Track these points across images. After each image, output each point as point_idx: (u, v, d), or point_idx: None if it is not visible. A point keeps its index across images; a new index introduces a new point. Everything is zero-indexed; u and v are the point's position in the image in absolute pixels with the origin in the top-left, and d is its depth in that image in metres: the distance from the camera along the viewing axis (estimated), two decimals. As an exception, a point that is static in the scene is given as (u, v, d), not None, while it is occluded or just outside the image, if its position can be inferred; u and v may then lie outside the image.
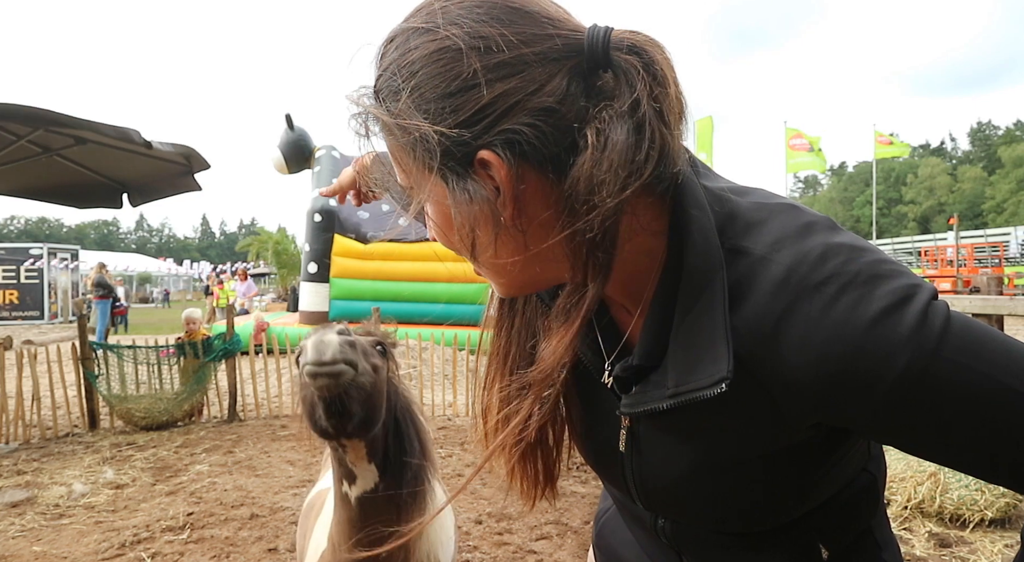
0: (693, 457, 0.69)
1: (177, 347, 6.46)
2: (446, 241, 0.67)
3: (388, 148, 0.66)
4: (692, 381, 0.60)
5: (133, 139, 4.53)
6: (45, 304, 20.99)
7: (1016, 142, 57.24)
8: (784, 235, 0.60)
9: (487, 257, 0.64)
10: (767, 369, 0.59)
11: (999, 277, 6.70)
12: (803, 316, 0.55)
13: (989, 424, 0.54)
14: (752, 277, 0.59)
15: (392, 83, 0.61)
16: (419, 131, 0.59)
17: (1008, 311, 3.91)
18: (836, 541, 0.77)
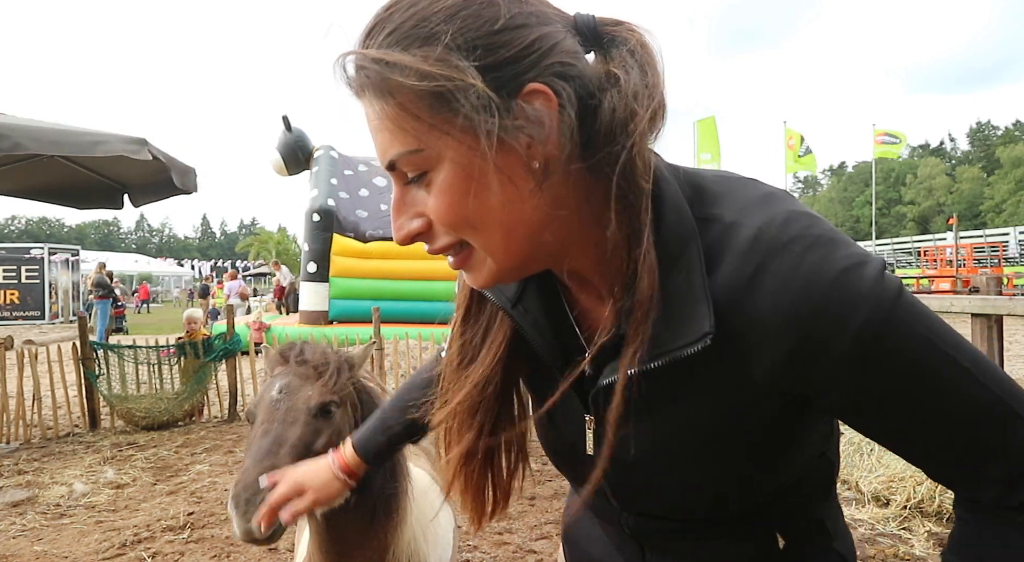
0: (666, 439, 0.70)
1: (177, 347, 6.47)
2: (455, 208, 0.61)
3: (389, 108, 0.60)
4: (677, 340, 0.62)
5: (139, 157, 4.57)
6: (46, 304, 20.97)
7: (1015, 142, 57.26)
8: (749, 203, 0.64)
9: (500, 218, 0.61)
10: (742, 326, 0.61)
11: (998, 277, 6.70)
12: (774, 272, 0.59)
13: (934, 393, 0.59)
14: (724, 241, 0.62)
15: (422, 29, 0.59)
16: (460, 73, 0.57)
17: (1008, 311, 3.91)
18: (792, 529, 0.80)
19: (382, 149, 0.62)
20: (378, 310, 6.81)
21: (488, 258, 0.64)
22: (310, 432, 1.29)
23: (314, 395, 1.33)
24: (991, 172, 59.38)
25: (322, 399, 1.33)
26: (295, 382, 1.36)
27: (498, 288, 0.74)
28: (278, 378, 1.37)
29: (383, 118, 0.60)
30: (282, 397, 1.33)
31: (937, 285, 19.23)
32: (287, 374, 1.38)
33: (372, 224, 11.55)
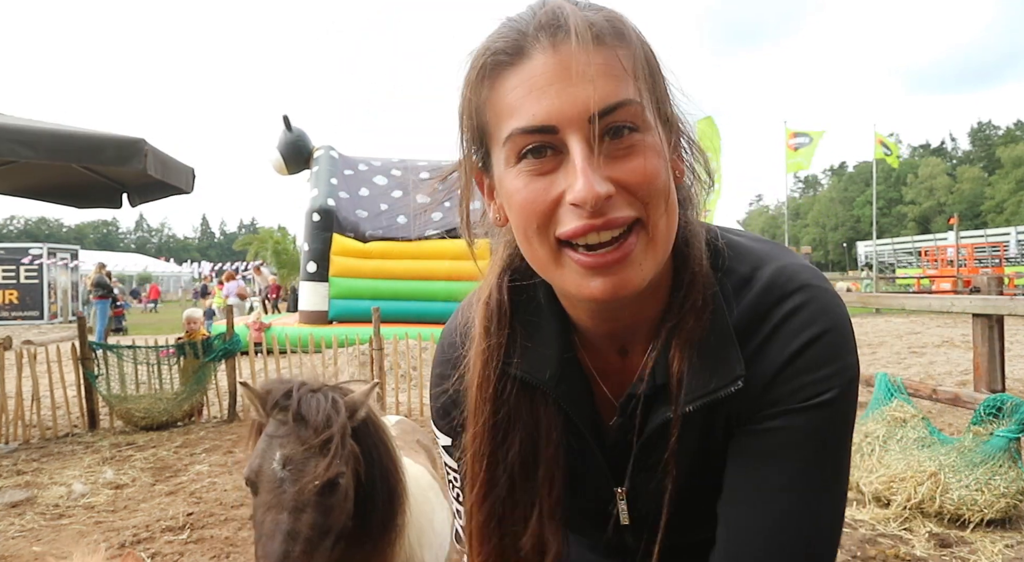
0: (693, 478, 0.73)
1: (177, 347, 6.46)
2: (660, 171, 0.62)
3: (626, 56, 0.62)
4: (712, 384, 0.67)
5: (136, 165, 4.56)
6: (45, 304, 20.98)
7: (1015, 142, 57.25)
8: (760, 259, 0.72)
9: (673, 200, 0.65)
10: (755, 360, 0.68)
11: (999, 277, 6.70)
12: (783, 312, 0.67)
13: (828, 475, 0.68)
14: (741, 291, 0.70)
15: (627, 22, 0.65)
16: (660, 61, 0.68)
17: (1008, 311, 3.91)
18: None
19: (605, 93, 0.59)
20: (378, 310, 6.81)
21: (653, 247, 0.63)
22: (320, 515, 1.25)
23: (320, 473, 1.25)
24: (992, 172, 59.37)
25: (329, 476, 1.27)
26: (298, 453, 1.27)
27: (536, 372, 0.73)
28: (277, 444, 1.29)
29: (620, 67, 0.61)
30: (286, 475, 1.25)
31: (938, 285, 19.24)
32: (287, 440, 1.29)
33: (372, 224, 11.55)
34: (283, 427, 1.31)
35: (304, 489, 1.24)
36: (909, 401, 4.11)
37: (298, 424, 1.30)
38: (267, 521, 1.21)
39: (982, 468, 3.42)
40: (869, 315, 18.65)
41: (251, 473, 1.28)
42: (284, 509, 1.21)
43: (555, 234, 0.62)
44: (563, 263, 0.63)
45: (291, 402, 1.32)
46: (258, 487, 1.27)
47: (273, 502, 1.23)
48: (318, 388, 1.36)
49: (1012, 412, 3.45)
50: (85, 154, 4.47)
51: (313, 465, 1.26)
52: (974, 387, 4.18)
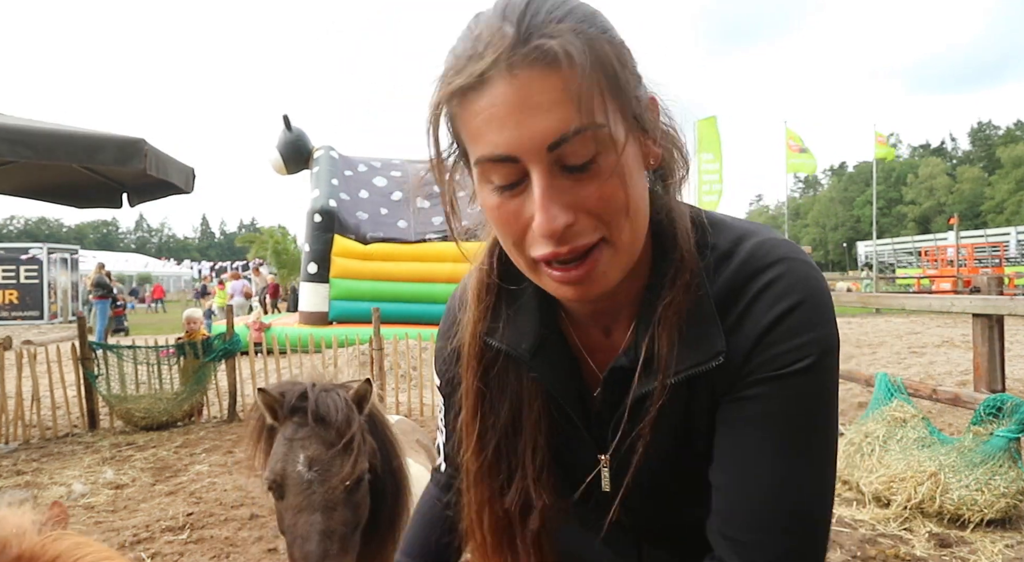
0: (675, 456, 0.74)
1: (177, 347, 6.46)
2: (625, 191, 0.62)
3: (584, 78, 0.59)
4: (693, 358, 0.69)
5: (136, 165, 4.56)
6: (45, 304, 20.97)
7: (1015, 142, 57.25)
8: (742, 235, 0.73)
9: (642, 207, 0.66)
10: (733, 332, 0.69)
11: (999, 277, 6.70)
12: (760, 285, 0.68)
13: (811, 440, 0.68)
14: (721, 265, 0.71)
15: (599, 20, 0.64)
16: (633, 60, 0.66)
17: (1008, 311, 3.91)
18: None
19: (560, 122, 0.58)
20: (378, 311, 6.81)
21: (619, 256, 0.66)
22: (351, 512, 1.27)
23: (349, 472, 1.28)
24: (992, 172, 59.37)
25: (357, 475, 1.29)
26: (322, 454, 1.28)
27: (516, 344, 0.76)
28: (299, 446, 1.29)
29: (569, 89, 0.58)
30: (314, 476, 1.26)
31: (938, 285, 19.24)
32: (308, 441, 1.30)
33: (372, 226, 11.55)
34: (302, 429, 1.31)
35: (334, 488, 1.25)
36: (909, 401, 4.11)
37: (318, 425, 1.31)
38: (300, 523, 1.22)
39: (982, 468, 3.42)
40: (869, 315, 18.63)
41: (275, 476, 1.29)
42: (316, 509, 1.23)
43: (529, 254, 0.65)
44: (539, 273, 0.67)
45: (308, 404, 1.33)
46: (284, 490, 1.28)
47: (304, 504, 1.24)
48: (330, 388, 1.37)
49: (1012, 412, 3.45)
50: (85, 154, 4.47)
51: (339, 464, 1.28)
52: (974, 387, 4.18)
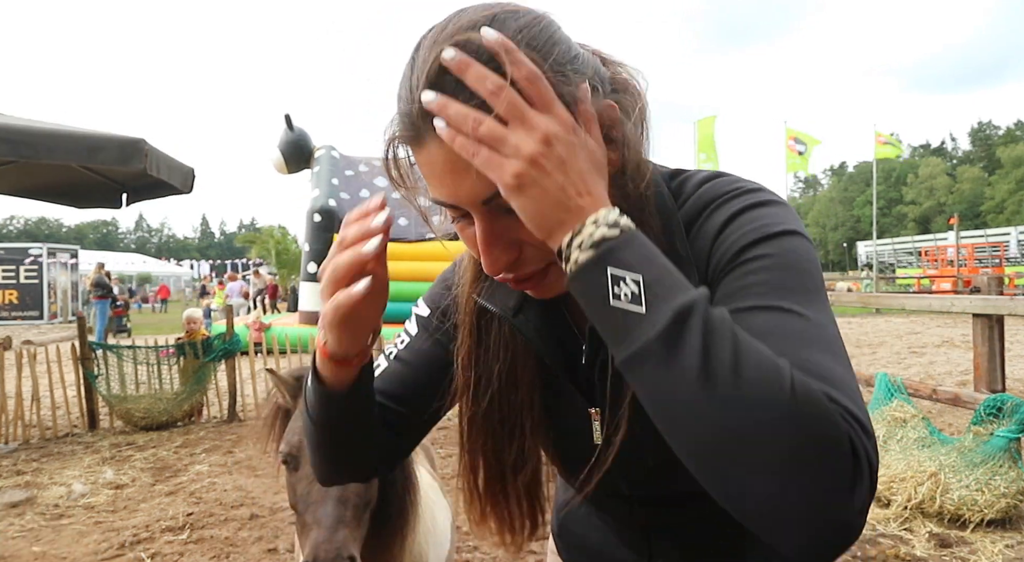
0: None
1: (177, 347, 6.46)
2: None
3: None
4: None
5: (136, 165, 4.56)
6: (44, 304, 20.97)
7: (1015, 142, 57.25)
8: (710, 176, 0.75)
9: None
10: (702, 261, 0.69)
11: (999, 277, 6.70)
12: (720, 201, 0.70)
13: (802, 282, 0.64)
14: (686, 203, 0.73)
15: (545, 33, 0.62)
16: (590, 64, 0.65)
17: (1008, 311, 3.91)
18: None
19: (486, 185, 0.59)
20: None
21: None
22: (363, 485, 1.29)
23: None
24: (992, 172, 59.37)
25: None
26: None
27: (500, 303, 0.78)
28: None
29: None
30: None
31: (938, 285, 19.24)
32: None
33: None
34: None
35: None
36: (909, 401, 4.11)
37: None
38: (314, 490, 1.25)
39: (982, 468, 3.42)
40: (869, 315, 18.64)
41: (291, 448, 1.32)
42: None
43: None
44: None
45: None
46: (299, 461, 1.30)
47: None
48: None
49: (1012, 412, 3.45)
50: (85, 154, 4.47)
51: None
52: (974, 387, 4.18)
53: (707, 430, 0.51)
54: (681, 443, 0.54)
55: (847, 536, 0.52)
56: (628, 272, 0.55)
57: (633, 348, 0.53)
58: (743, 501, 0.52)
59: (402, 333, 0.90)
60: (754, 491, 0.51)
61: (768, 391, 0.50)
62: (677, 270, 0.56)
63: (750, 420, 0.50)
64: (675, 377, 0.52)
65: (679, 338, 0.52)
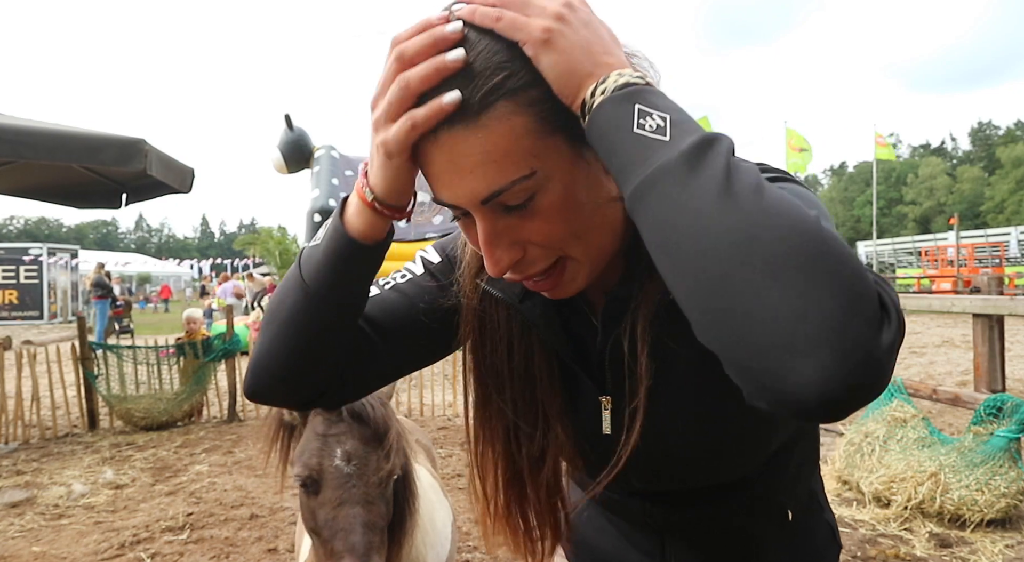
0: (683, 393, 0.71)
1: (177, 347, 6.46)
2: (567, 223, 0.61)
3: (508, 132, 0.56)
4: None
5: (136, 165, 4.56)
6: (44, 304, 20.97)
7: (1015, 142, 57.24)
8: None
9: (599, 222, 0.64)
10: None
11: (999, 277, 6.70)
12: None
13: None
14: None
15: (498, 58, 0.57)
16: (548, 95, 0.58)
17: (1008, 311, 3.91)
18: (797, 501, 0.85)
19: (485, 184, 0.58)
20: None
21: (583, 266, 0.66)
22: (384, 506, 1.29)
23: (385, 469, 1.30)
24: (992, 172, 59.36)
25: (393, 473, 1.31)
26: (359, 448, 1.30)
27: (506, 289, 0.75)
28: (335, 442, 1.30)
29: (495, 148, 0.57)
30: (353, 470, 1.28)
31: (938, 285, 19.23)
32: (345, 437, 1.31)
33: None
34: (336, 425, 1.32)
35: (370, 482, 1.27)
36: (909, 401, 4.11)
37: (355, 421, 1.33)
38: (340, 516, 1.23)
39: (982, 468, 3.42)
40: (869, 315, 18.57)
41: (311, 472, 1.29)
42: (357, 503, 1.24)
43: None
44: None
45: None
46: (320, 485, 1.28)
47: (344, 497, 1.25)
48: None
49: (1012, 412, 3.45)
50: (85, 154, 4.47)
51: (376, 460, 1.30)
52: (974, 387, 4.19)
53: (720, 240, 0.46)
54: (686, 262, 0.48)
55: (871, 374, 0.43)
56: (655, 110, 0.53)
57: (651, 168, 0.50)
58: (752, 322, 0.44)
59: (403, 270, 0.84)
60: (767, 305, 0.44)
61: (792, 214, 0.46)
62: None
63: (771, 228, 0.45)
64: (691, 192, 0.48)
65: (701, 159, 0.49)
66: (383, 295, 0.79)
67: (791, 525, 0.84)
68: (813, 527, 0.89)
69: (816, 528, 0.89)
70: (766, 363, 0.44)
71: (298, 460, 1.31)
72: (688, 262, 0.48)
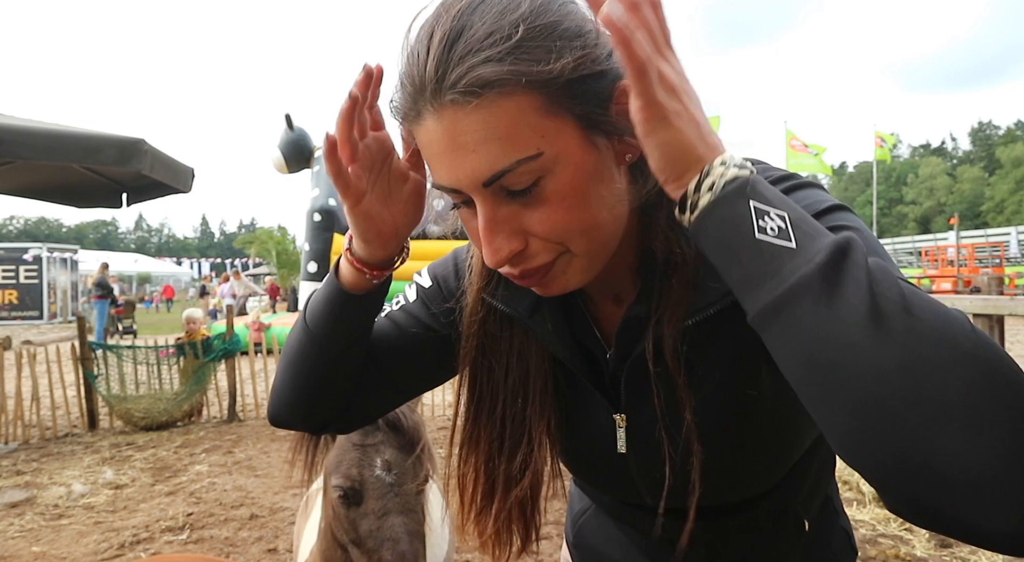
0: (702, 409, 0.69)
1: (177, 347, 6.46)
2: (575, 212, 0.58)
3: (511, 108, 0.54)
4: (702, 301, 0.64)
5: (135, 165, 4.56)
6: (44, 304, 20.97)
7: (1015, 142, 57.22)
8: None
9: (606, 217, 0.61)
10: None
11: (1000, 277, 6.70)
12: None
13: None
14: None
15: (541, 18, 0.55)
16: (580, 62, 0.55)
17: (1008, 311, 3.90)
18: (813, 510, 0.83)
19: (488, 163, 0.55)
20: (378, 310, 6.79)
21: (580, 261, 0.62)
22: (421, 512, 1.30)
23: (420, 477, 1.33)
24: (992, 172, 59.35)
25: (427, 480, 1.34)
26: (397, 458, 1.32)
27: (514, 303, 0.73)
28: (374, 452, 1.32)
29: (499, 124, 0.54)
30: (394, 479, 1.29)
31: (938, 285, 19.21)
32: (383, 446, 1.33)
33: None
34: (373, 435, 1.33)
35: (408, 491, 1.29)
36: (909, 401, 4.11)
37: (391, 430, 1.34)
38: (385, 526, 1.23)
39: (982, 468, 3.42)
40: (869, 315, 18.55)
41: (352, 483, 1.28)
42: (400, 512, 1.25)
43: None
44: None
45: None
46: (362, 496, 1.27)
47: (388, 507, 1.25)
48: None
49: (1012, 412, 3.44)
50: (85, 154, 4.47)
51: (412, 467, 1.31)
52: (974, 387, 4.17)
53: (881, 380, 0.42)
54: (838, 396, 0.45)
55: None
56: (772, 207, 0.50)
57: (787, 284, 0.47)
58: (927, 466, 0.41)
59: (399, 296, 0.85)
60: (944, 448, 0.41)
61: (951, 334, 0.43)
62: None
63: (937, 365, 0.42)
64: (838, 315, 0.44)
65: (840, 273, 0.46)
66: (380, 325, 0.81)
67: (807, 534, 0.83)
68: (829, 535, 0.87)
69: (832, 535, 0.88)
70: (945, 505, 0.42)
71: (335, 471, 1.30)
72: (841, 396, 0.44)
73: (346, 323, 0.72)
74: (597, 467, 0.79)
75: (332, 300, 0.71)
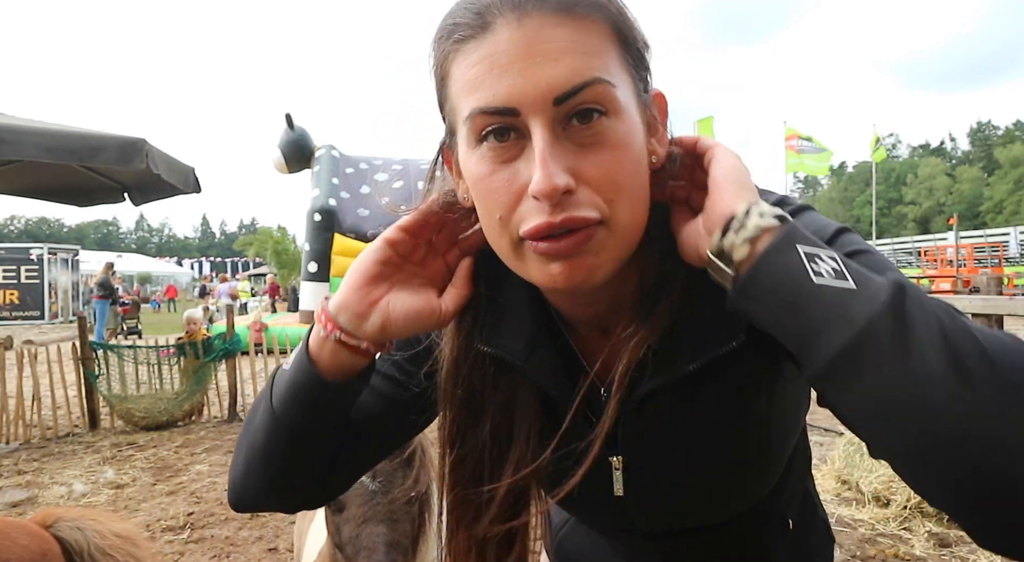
0: (699, 449, 0.69)
1: (177, 347, 6.47)
2: (626, 163, 0.56)
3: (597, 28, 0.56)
4: (711, 342, 0.62)
5: (137, 165, 4.56)
6: (45, 304, 20.97)
7: (1014, 142, 57.23)
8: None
9: (641, 188, 0.59)
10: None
11: (999, 277, 6.70)
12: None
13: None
14: None
15: None
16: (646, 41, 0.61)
17: (1008, 311, 3.91)
18: (794, 508, 0.85)
19: (569, 73, 0.53)
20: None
21: (616, 246, 0.58)
22: (409, 524, 1.27)
23: (411, 486, 1.29)
24: (991, 172, 59.36)
25: (420, 490, 1.29)
26: (384, 465, 1.28)
27: (508, 346, 0.68)
28: None
29: (586, 41, 0.54)
30: (378, 487, 1.26)
31: (938, 285, 19.20)
32: None
33: (374, 223, 11.50)
34: None
35: (396, 499, 1.25)
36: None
37: None
38: (363, 534, 1.21)
39: (982, 468, 3.42)
40: (869, 315, 18.53)
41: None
42: (381, 521, 1.22)
43: (517, 230, 0.57)
44: (523, 255, 0.58)
45: None
46: (344, 503, 1.26)
47: (368, 515, 1.23)
48: None
49: (1012, 412, 3.45)
50: (86, 154, 4.47)
51: (401, 477, 1.28)
52: (974, 387, 4.18)
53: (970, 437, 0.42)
54: (922, 448, 0.44)
55: None
56: (819, 249, 0.49)
57: (859, 326, 0.45)
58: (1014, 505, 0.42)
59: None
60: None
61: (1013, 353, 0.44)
62: None
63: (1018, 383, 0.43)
64: (917, 362, 0.44)
65: (907, 309, 0.45)
66: None
67: (792, 531, 0.85)
68: (811, 527, 0.90)
69: (813, 527, 0.90)
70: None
71: None
72: (930, 429, 0.44)
73: (320, 414, 0.65)
74: (589, 507, 0.78)
75: (303, 386, 0.64)
